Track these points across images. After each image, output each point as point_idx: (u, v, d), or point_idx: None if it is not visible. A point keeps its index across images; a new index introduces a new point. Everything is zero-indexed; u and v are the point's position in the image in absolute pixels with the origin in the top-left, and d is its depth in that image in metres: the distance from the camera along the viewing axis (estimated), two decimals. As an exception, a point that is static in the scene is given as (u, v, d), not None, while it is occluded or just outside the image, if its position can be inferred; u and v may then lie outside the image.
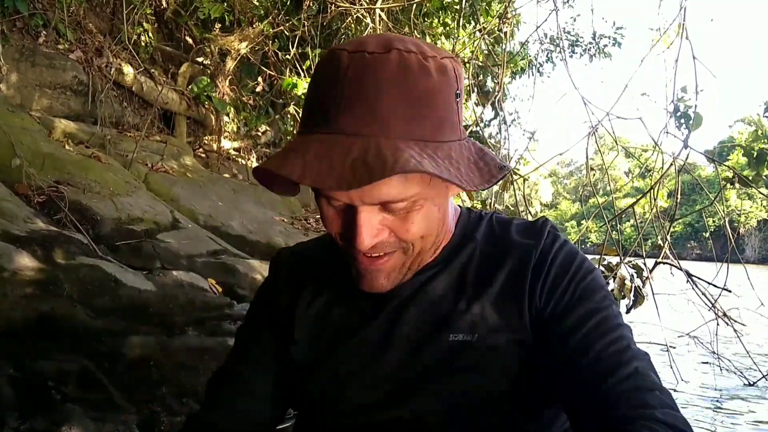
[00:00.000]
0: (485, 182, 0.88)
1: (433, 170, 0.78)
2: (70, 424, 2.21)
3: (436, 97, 0.84)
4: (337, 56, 0.84)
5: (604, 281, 1.01)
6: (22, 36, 4.82)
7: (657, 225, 4.05)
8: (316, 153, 0.81)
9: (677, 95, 3.30)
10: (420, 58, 0.84)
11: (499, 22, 5.28)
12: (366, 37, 0.87)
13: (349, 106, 0.81)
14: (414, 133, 0.82)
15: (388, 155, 0.78)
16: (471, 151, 0.91)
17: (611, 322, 0.93)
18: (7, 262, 2.47)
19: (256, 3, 6.59)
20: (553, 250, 0.99)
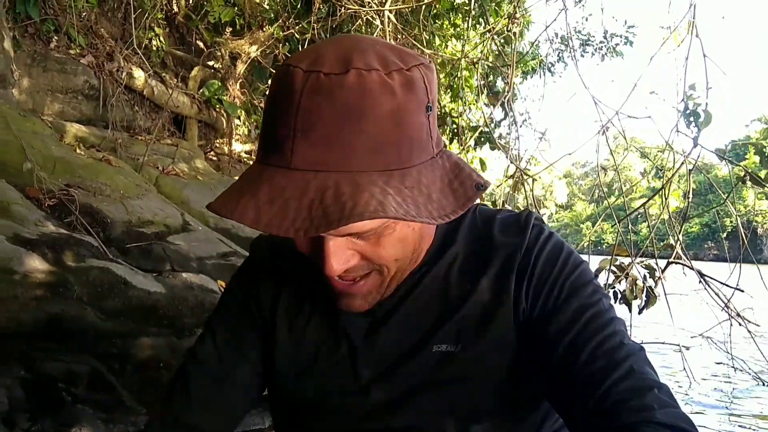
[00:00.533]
0: (459, 207, 0.81)
1: (394, 213, 0.71)
2: (80, 424, 2.23)
3: (402, 119, 0.77)
4: (290, 76, 0.76)
5: (592, 273, 0.96)
6: (34, 41, 4.87)
7: (669, 225, 4.02)
8: (270, 194, 0.74)
9: (686, 93, 3.27)
10: (382, 75, 0.75)
11: (508, 22, 5.26)
12: (325, 47, 0.79)
13: (304, 138, 0.74)
14: (377, 164, 0.75)
15: (347, 197, 0.71)
16: (445, 169, 0.84)
17: (602, 318, 0.89)
18: (17, 264, 2.48)
19: (267, 6, 6.62)
20: (537, 247, 0.94)
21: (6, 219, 2.83)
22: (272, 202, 0.73)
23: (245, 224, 0.74)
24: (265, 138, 0.79)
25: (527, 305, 0.92)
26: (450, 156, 0.87)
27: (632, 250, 3.88)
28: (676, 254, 3.84)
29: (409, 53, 0.82)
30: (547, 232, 0.97)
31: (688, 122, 3.32)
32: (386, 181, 0.75)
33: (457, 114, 6.26)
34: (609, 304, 0.93)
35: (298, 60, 0.78)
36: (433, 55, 6.30)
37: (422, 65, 0.81)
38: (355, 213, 0.70)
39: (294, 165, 0.74)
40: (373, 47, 0.79)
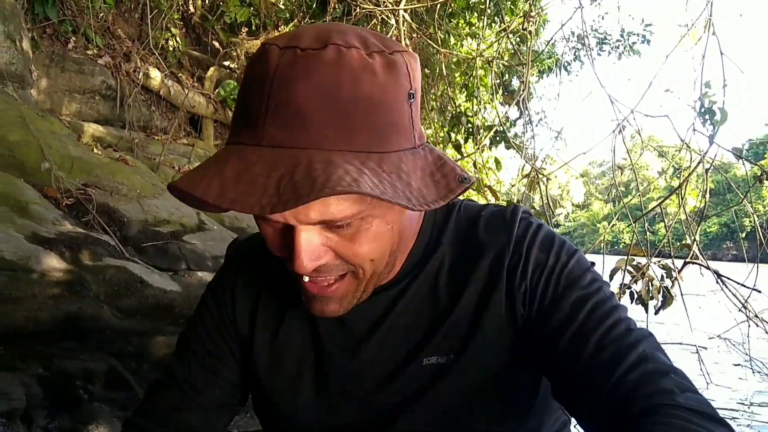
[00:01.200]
0: (441, 198, 0.75)
1: (370, 191, 0.66)
2: (97, 422, 2.24)
3: (383, 101, 0.72)
4: (266, 52, 0.72)
5: (588, 261, 0.92)
6: (52, 42, 4.92)
7: (687, 225, 3.98)
8: (237, 170, 0.69)
9: (702, 91, 3.24)
10: (362, 54, 0.71)
11: (524, 21, 5.24)
12: (304, 28, 0.75)
13: (277, 114, 0.69)
14: (354, 144, 0.70)
15: (319, 172, 0.66)
16: (427, 160, 0.79)
17: (605, 306, 0.84)
18: (35, 263, 2.51)
19: (282, 6, 6.64)
20: (526, 242, 0.89)
21: (24, 218, 2.86)
22: (239, 178, 0.69)
23: (208, 201, 0.68)
24: (237, 117, 0.75)
25: (524, 303, 0.88)
26: (432, 150, 0.82)
27: (649, 250, 3.85)
28: (693, 254, 3.80)
29: (393, 42, 0.78)
30: (536, 224, 0.92)
31: (704, 120, 3.29)
32: (363, 162, 0.70)
33: (472, 113, 6.24)
34: (610, 291, 0.89)
35: (277, 39, 0.74)
36: (448, 54, 6.29)
37: (405, 52, 0.77)
38: (327, 186, 0.65)
39: (265, 142, 0.70)
40: (354, 31, 0.75)
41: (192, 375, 1.01)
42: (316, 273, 0.80)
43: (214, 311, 1.04)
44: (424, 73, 7.02)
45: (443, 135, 7.62)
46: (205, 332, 1.03)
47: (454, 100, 6.92)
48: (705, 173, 3.59)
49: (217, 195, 0.68)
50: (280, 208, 0.66)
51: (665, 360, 0.80)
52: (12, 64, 3.94)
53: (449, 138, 6.56)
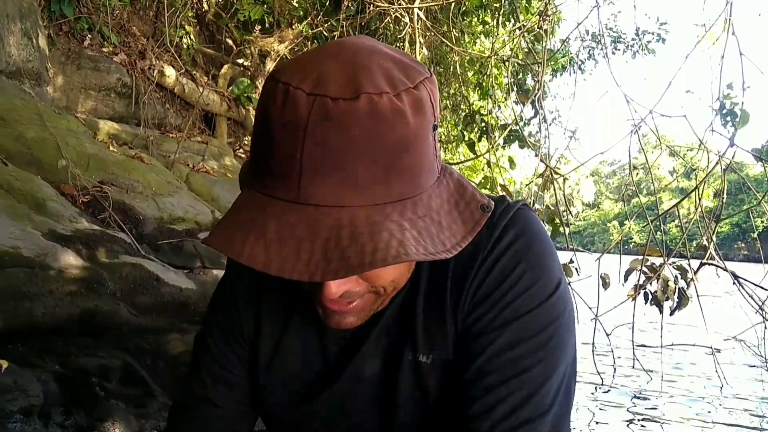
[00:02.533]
0: (469, 233, 0.76)
1: (416, 255, 0.67)
2: (113, 419, 2.25)
3: (414, 144, 0.71)
4: (292, 98, 0.68)
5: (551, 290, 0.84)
6: (68, 40, 4.94)
7: (702, 225, 3.95)
8: (278, 232, 0.68)
9: (723, 92, 3.21)
10: (393, 99, 0.69)
11: (539, 20, 5.21)
12: (324, 62, 0.72)
13: (313, 170, 0.67)
14: (391, 193, 0.70)
15: (366, 237, 0.66)
16: (450, 189, 0.79)
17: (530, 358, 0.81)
18: (52, 260, 2.52)
19: (296, 4, 6.64)
20: (495, 252, 0.84)
21: (42, 215, 2.88)
22: (282, 241, 0.67)
23: (255, 268, 0.67)
24: (265, 164, 0.72)
25: (467, 310, 0.85)
26: (452, 173, 0.82)
27: (663, 251, 3.82)
28: (709, 255, 3.77)
29: (413, 66, 0.75)
30: (513, 232, 0.86)
31: (725, 122, 3.26)
32: (401, 212, 0.70)
33: (486, 112, 6.22)
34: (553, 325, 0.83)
35: (297, 78, 0.70)
36: (462, 52, 6.28)
37: (427, 80, 0.75)
38: (377, 258, 0.65)
39: (303, 199, 0.68)
40: (376, 61, 0.72)
41: (209, 391, 1.00)
42: (340, 298, 0.79)
43: (222, 323, 1.02)
44: (437, 72, 7.00)
45: (456, 134, 7.61)
46: (215, 346, 1.02)
47: (468, 99, 6.90)
48: (723, 174, 3.55)
49: (264, 262, 0.67)
50: (331, 276, 0.66)
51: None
52: (29, 62, 3.96)
53: (462, 137, 6.55)
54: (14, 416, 1.97)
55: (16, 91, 3.78)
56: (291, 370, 0.97)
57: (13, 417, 1.97)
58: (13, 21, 3.80)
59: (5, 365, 2.06)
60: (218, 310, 1.04)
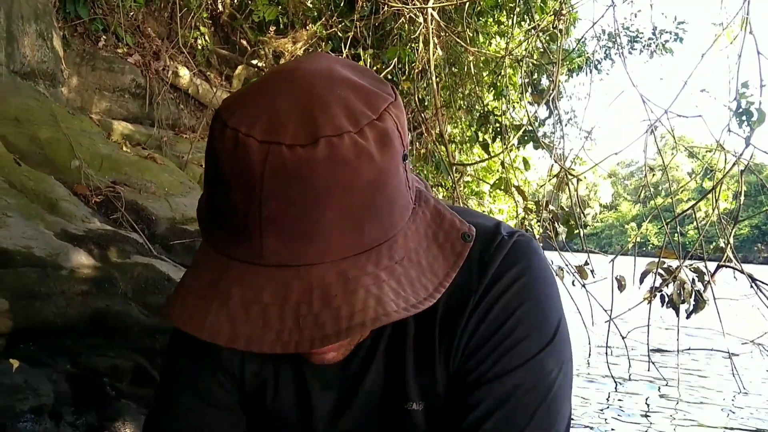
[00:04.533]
0: (452, 269, 0.71)
1: (396, 312, 0.61)
2: (124, 419, 2.25)
3: (382, 184, 0.64)
4: (244, 147, 0.61)
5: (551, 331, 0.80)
6: (83, 41, 4.98)
7: (720, 227, 3.91)
8: (244, 300, 0.62)
9: (739, 91, 3.17)
10: (355, 138, 0.61)
11: (554, 19, 5.18)
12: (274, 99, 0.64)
13: (274, 228, 0.61)
14: (363, 242, 0.64)
15: (339, 299, 0.61)
16: (427, 219, 0.73)
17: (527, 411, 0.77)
18: (64, 260, 2.53)
19: (310, 5, 6.65)
20: (489, 296, 0.79)
21: (54, 215, 2.89)
22: (248, 310, 0.61)
23: (220, 344, 0.61)
24: (222, 221, 0.66)
25: (461, 360, 0.80)
26: (427, 201, 0.75)
27: (680, 253, 3.78)
28: (726, 257, 3.72)
29: (375, 91, 0.68)
30: (512, 275, 0.80)
31: (741, 122, 3.22)
32: (376, 262, 0.64)
33: (500, 112, 6.19)
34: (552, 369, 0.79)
35: (246, 123, 0.62)
36: (476, 52, 6.25)
37: (391, 105, 0.67)
38: (355, 324, 0.59)
39: (266, 261, 0.62)
40: (334, 92, 0.64)
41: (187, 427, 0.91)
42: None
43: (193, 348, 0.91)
44: (452, 72, 6.98)
45: (470, 134, 7.58)
46: (189, 375, 0.92)
47: (482, 99, 6.87)
48: (740, 175, 3.51)
49: (229, 336, 0.61)
50: (306, 347, 0.60)
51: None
52: (44, 63, 3.98)
53: (477, 137, 6.52)
54: (25, 415, 1.98)
55: (30, 91, 3.80)
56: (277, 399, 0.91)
57: (24, 416, 1.98)
58: (28, 22, 3.83)
59: (16, 364, 2.07)
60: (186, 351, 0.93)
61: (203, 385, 0.90)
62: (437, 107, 5.08)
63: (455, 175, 5.33)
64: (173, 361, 0.95)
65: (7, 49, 3.63)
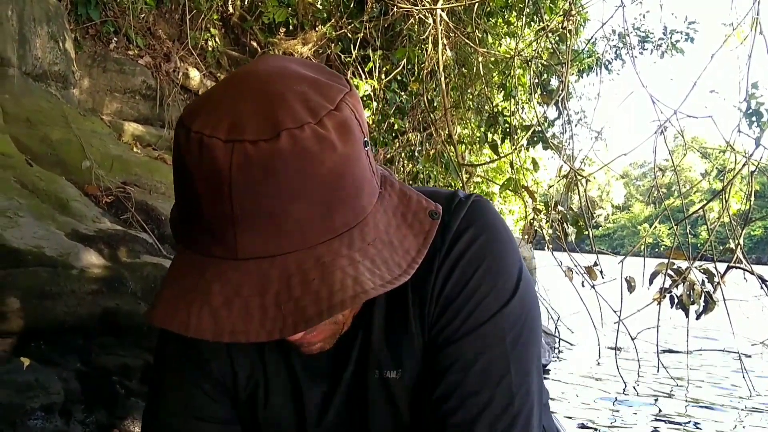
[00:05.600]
0: (422, 247, 0.73)
1: (374, 289, 0.64)
2: (133, 417, 2.27)
3: (347, 170, 0.67)
4: (209, 149, 0.63)
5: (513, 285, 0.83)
6: (94, 42, 5.01)
7: (731, 228, 3.89)
8: (224, 293, 0.63)
9: (749, 92, 3.16)
10: (316, 128, 0.64)
11: (564, 20, 5.16)
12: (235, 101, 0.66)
13: (247, 223, 0.63)
14: (335, 227, 0.66)
15: (318, 284, 0.63)
16: (394, 202, 0.76)
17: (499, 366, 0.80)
18: (75, 260, 2.55)
19: (319, 6, 6.66)
20: (452, 256, 0.82)
21: (65, 215, 2.91)
22: (229, 305, 0.63)
23: (205, 338, 0.62)
24: (196, 223, 0.68)
25: (432, 316, 0.84)
26: (392, 184, 0.78)
27: (690, 254, 3.77)
28: (736, 258, 3.71)
29: (330, 84, 0.70)
30: (470, 233, 0.83)
31: (751, 122, 3.21)
32: (349, 245, 0.67)
33: (510, 113, 6.18)
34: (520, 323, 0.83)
35: (210, 125, 0.64)
36: (485, 53, 6.24)
37: (347, 95, 0.70)
38: (335, 303, 0.62)
39: (243, 255, 0.64)
40: (290, 88, 0.67)
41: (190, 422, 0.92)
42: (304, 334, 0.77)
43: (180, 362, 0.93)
44: (461, 72, 6.97)
45: (480, 135, 7.57)
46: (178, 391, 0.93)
47: (492, 100, 6.86)
48: (750, 176, 3.49)
49: (214, 331, 0.62)
50: (291, 332, 0.62)
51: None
52: (55, 64, 4.02)
53: (486, 138, 6.51)
54: (36, 413, 2.00)
55: (42, 93, 3.84)
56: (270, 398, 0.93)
57: (34, 414, 2.00)
58: (40, 24, 3.86)
59: (27, 363, 2.09)
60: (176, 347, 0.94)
61: (193, 401, 0.91)
62: (446, 108, 5.07)
63: (464, 176, 5.33)
64: (160, 378, 0.96)
65: (19, 51, 3.66)
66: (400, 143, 7.04)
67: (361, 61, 6.56)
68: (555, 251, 4.48)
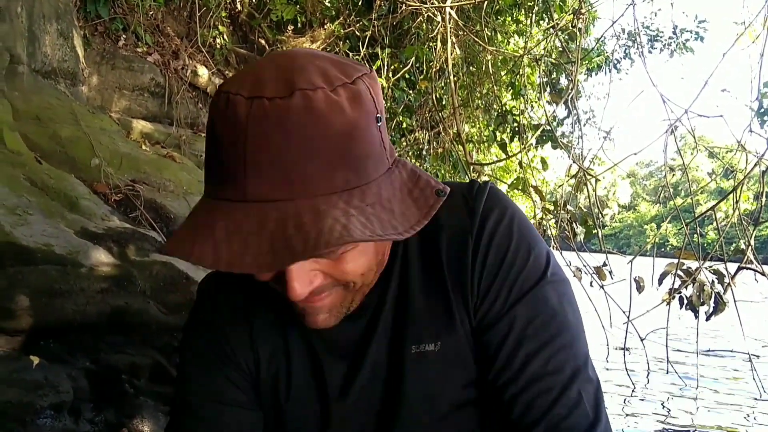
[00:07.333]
0: (423, 217, 0.77)
1: (360, 236, 0.68)
2: (142, 416, 2.26)
3: (354, 135, 0.73)
4: (233, 104, 0.72)
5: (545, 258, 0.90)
6: (103, 40, 5.01)
7: (740, 228, 3.86)
8: (227, 229, 0.71)
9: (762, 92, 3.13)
10: (328, 93, 0.72)
11: (573, 18, 5.14)
12: (262, 69, 0.75)
13: (256, 168, 0.71)
14: (336, 184, 0.72)
15: (309, 226, 0.68)
16: (403, 179, 0.81)
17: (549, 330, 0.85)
18: (84, 258, 2.55)
19: (328, 4, 6.65)
20: (486, 234, 0.88)
21: (74, 213, 2.91)
22: (230, 238, 0.70)
23: (205, 266, 0.70)
24: (213, 171, 0.76)
25: (477, 301, 0.89)
26: (405, 164, 0.84)
27: (699, 254, 3.74)
28: (747, 259, 3.68)
29: (351, 65, 0.79)
30: (497, 213, 0.90)
31: (762, 121, 3.18)
32: (347, 201, 0.72)
33: (519, 112, 6.16)
34: (561, 299, 0.88)
35: (236, 86, 0.74)
36: (494, 52, 6.22)
37: (365, 75, 0.78)
38: (320, 242, 0.67)
39: (249, 197, 0.71)
40: (312, 63, 0.76)
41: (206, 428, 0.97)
42: (310, 295, 0.81)
43: (208, 350, 0.99)
44: (469, 71, 6.95)
45: (488, 134, 7.55)
46: (202, 377, 0.99)
47: (500, 99, 6.84)
48: (761, 176, 3.46)
49: (213, 260, 0.69)
50: (278, 265, 0.68)
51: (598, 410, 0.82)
52: (64, 62, 4.02)
53: (494, 137, 6.49)
54: (45, 412, 1.99)
55: (51, 90, 3.84)
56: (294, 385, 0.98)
57: (43, 412, 1.99)
58: (49, 21, 3.86)
59: (36, 361, 2.09)
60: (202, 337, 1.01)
61: (216, 386, 0.97)
62: (455, 106, 5.06)
63: (473, 174, 5.31)
64: (186, 365, 1.02)
65: (28, 48, 3.67)
66: (408, 142, 7.03)
67: (369, 59, 6.54)
68: (563, 251, 4.46)
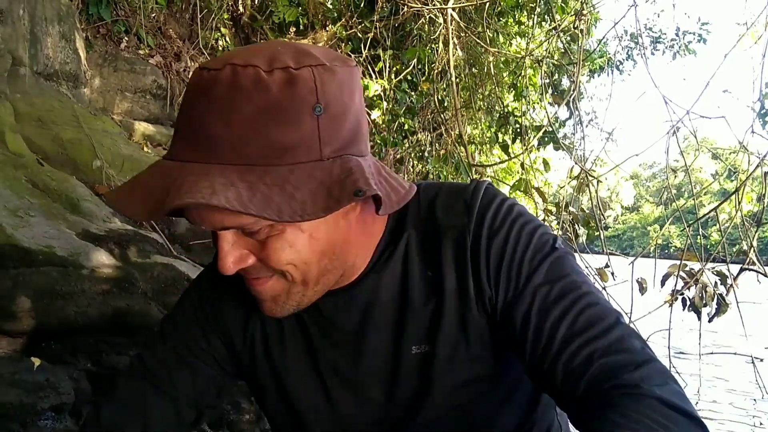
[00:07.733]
0: (322, 210, 0.74)
1: (221, 202, 0.70)
2: (143, 417, 2.26)
3: (274, 116, 0.74)
4: (192, 74, 0.80)
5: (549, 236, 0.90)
6: (106, 42, 5.02)
7: (743, 230, 3.85)
8: (144, 185, 0.77)
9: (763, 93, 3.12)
10: (259, 72, 0.74)
11: (575, 19, 5.14)
12: (236, 52, 0.79)
13: (181, 131, 0.78)
14: (241, 158, 0.74)
15: (189, 185, 0.72)
16: (331, 174, 0.77)
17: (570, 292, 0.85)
18: (85, 259, 2.55)
19: (330, 6, 6.65)
20: (485, 227, 0.89)
21: (76, 215, 2.92)
22: (142, 189, 0.76)
23: (117, 209, 0.80)
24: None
25: (492, 293, 0.89)
26: (348, 161, 0.79)
27: (702, 255, 3.73)
28: (749, 260, 3.67)
29: (314, 55, 0.78)
30: (495, 205, 0.91)
31: (764, 123, 3.18)
32: (241, 175, 0.74)
33: (521, 113, 6.16)
34: (573, 269, 0.89)
35: (205, 63, 0.80)
36: (496, 53, 6.22)
37: (319, 66, 0.77)
38: (177, 196, 0.71)
39: (175, 157, 0.77)
40: (275, 47, 0.79)
41: (166, 368, 1.02)
42: (245, 272, 0.84)
43: (198, 306, 1.05)
44: (472, 72, 6.95)
45: (490, 135, 7.54)
46: (185, 327, 1.05)
47: (502, 100, 6.84)
48: (763, 177, 3.45)
49: (123, 205, 0.77)
50: (144, 216, 0.75)
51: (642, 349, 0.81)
52: (66, 64, 4.03)
53: (496, 138, 6.49)
54: (46, 413, 2.00)
55: (53, 92, 3.85)
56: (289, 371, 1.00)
57: (44, 414, 2.00)
58: (51, 24, 3.87)
59: (38, 363, 2.09)
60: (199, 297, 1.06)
61: (191, 336, 1.03)
62: (457, 108, 5.06)
63: (475, 176, 5.31)
64: (176, 312, 1.08)
65: (30, 50, 3.67)
66: (410, 143, 7.03)
67: (371, 60, 6.54)
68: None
